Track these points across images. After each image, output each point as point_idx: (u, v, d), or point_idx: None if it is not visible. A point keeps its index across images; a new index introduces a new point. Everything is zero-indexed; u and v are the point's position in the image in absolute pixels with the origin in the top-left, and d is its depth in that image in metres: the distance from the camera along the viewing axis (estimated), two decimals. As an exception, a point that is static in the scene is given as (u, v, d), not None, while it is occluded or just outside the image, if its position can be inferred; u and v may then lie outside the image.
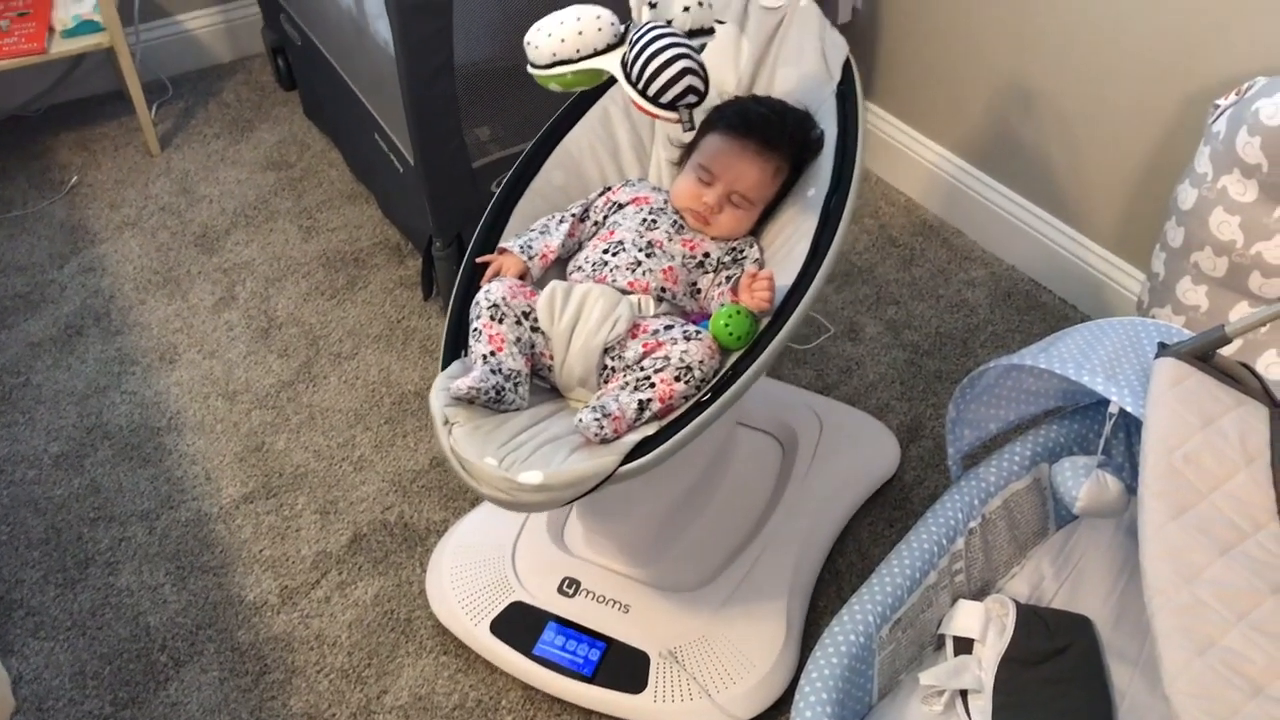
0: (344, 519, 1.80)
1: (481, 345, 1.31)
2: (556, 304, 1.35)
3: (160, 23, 2.80)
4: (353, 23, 2.06)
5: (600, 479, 1.19)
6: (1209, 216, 1.56)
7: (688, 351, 1.29)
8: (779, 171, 1.48)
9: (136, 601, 1.69)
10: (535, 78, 1.28)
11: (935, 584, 1.41)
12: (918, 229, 2.33)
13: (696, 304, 1.46)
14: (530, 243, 1.45)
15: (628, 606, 1.55)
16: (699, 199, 1.47)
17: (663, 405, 1.26)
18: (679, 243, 1.46)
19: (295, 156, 2.59)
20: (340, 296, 2.21)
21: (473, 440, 1.21)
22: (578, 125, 1.58)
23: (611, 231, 1.47)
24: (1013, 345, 2.05)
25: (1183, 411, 1.13)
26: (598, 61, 1.24)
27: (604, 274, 1.41)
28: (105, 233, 2.38)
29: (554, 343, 1.35)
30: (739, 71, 1.58)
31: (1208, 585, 1.03)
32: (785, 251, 1.44)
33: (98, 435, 1.94)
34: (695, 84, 1.18)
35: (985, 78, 2.14)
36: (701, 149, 1.50)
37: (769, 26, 1.55)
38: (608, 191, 1.54)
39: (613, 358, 1.34)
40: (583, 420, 1.22)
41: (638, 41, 1.19)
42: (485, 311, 1.33)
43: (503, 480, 1.17)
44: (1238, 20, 1.66)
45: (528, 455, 1.20)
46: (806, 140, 1.49)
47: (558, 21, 1.25)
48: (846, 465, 1.77)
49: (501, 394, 1.27)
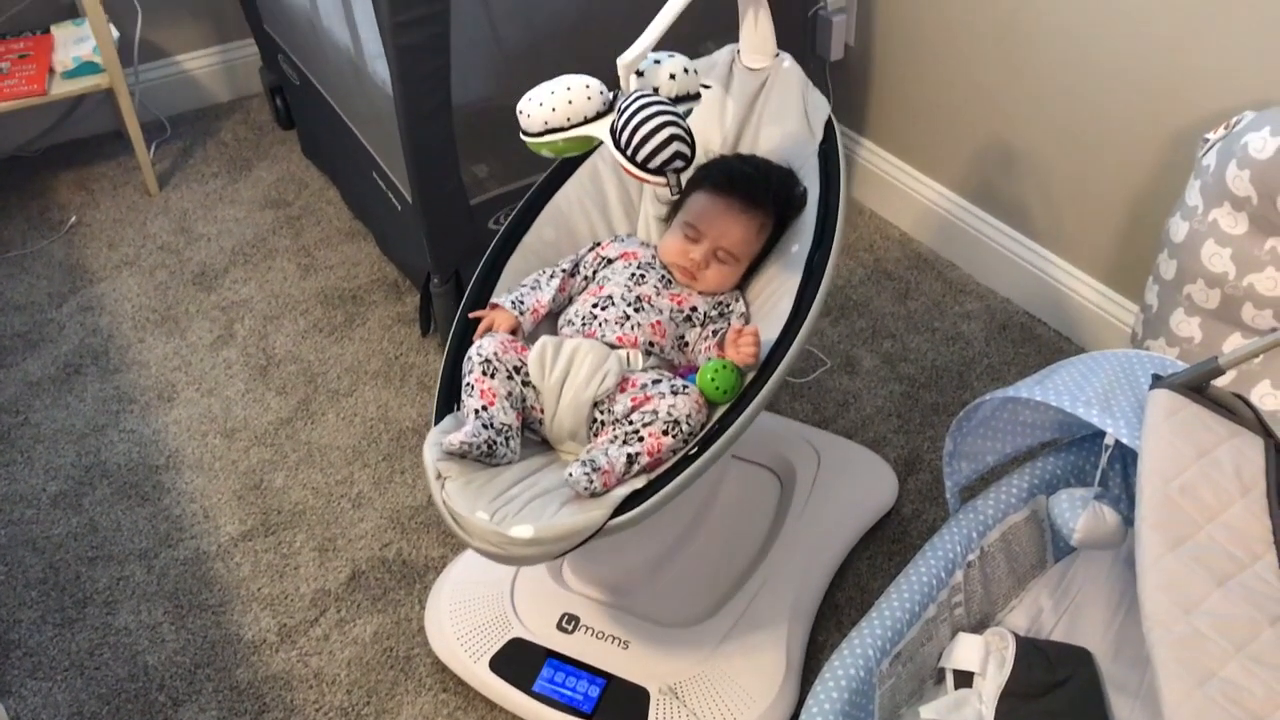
0: (342, 556, 1.79)
1: (474, 400, 1.33)
2: (547, 359, 1.37)
3: (159, 63, 2.82)
4: (351, 63, 2.08)
5: (590, 533, 1.21)
6: (1200, 249, 1.58)
7: (675, 406, 1.31)
8: (763, 228, 1.52)
9: (134, 641, 1.68)
10: (528, 145, 1.31)
11: (935, 617, 1.41)
12: (912, 262, 2.34)
13: (684, 357, 1.49)
14: (521, 298, 1.48)
15: (627, 642, 1.54)
16: (686, 255, 1.50)
17: (651, 459, 1.29)
18: (667, 297, 1.49)
19: (293, 195, 2.60)
20: (338, 334, 2.22)
21: (465, 494, 1.23)
22: (568, 182, 1.62)
23: (601, 286, 1.49)
24: (1009, 378, 2.06)
25: (1178, 443, 1.13)
26: (588, 129, 1.27)
27: (593, 328, 1.44)
28: (104, 272, 2.39)
29: (545, 397, 1.37)
30: (724, 130, 1.61)
31: (1206, 617, 1.03)
32: (770, 306, 1.47)
33: (96, 474, 1.94)
34: (682, 149, 1.21)
35: (978, 113, 2.16)
36: (688, 207, 1.54)
37: (753, 87, 1.59)
38: (597, 247, 1.57)
39: (602, 411, 1.36)
40: (573, 475, 1.24)
41: (625, 110, 1.22)
42: (477, 366, 1.35)
43: (494, 534, 1.19)
44: (1226, 56, 1.68)
45: (519, 509, 1.22)
46: (790, 197, 1.52)
47: (549, 91, 1.27)
48: (845, 499, 1.77)
49: (494, 448, 1.29)
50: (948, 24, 2.14)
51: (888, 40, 2.31)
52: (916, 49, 2.24)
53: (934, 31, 2.18)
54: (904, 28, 2.25)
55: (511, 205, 2.01)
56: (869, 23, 2.33)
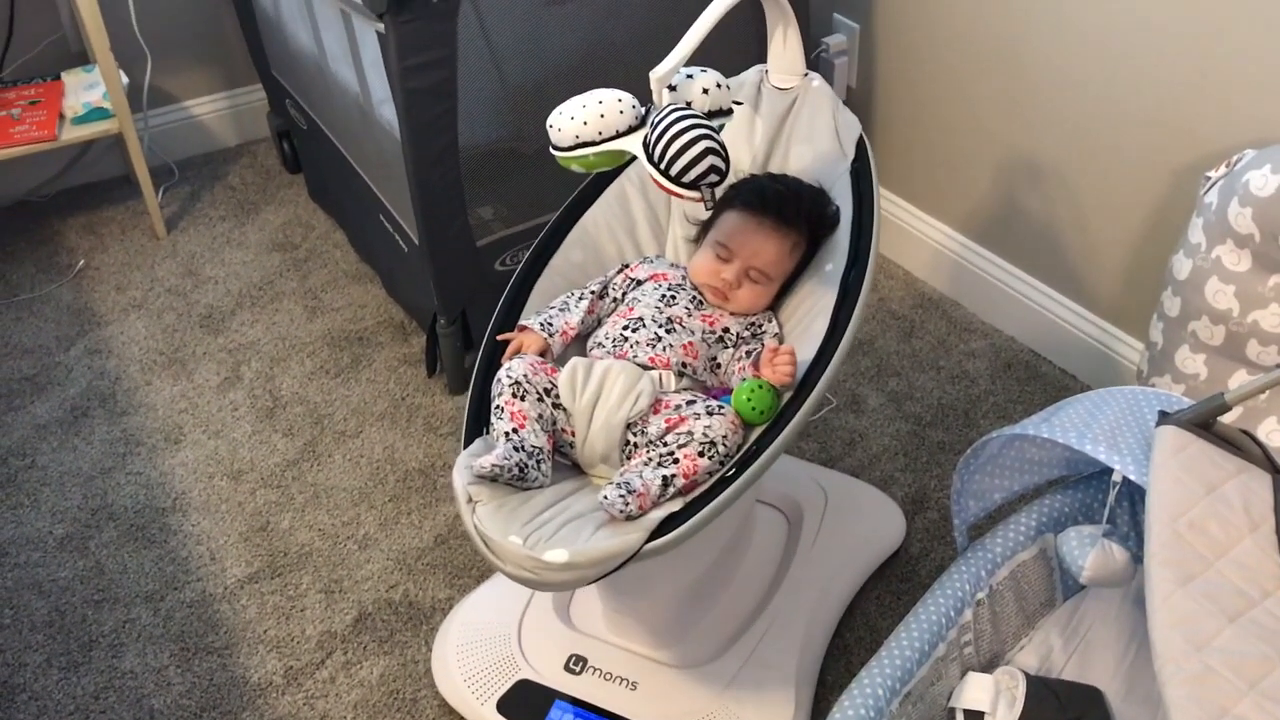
0: (349, 598, 1.79)
1: (504, 423, 1.31)
2: (578, 380, 1.35)
3: (168, 109, 2.85)
4: (358, 107, 2.10)
5: (626, 557, 1.18)
6: (1204, 286, 1.58)
7: (711, 426, 1.29)
8: (796, 247, 1.50)
9: (140, 684, 1.68)
10: (558, 159, 1.30)
11: (944, 656, 1.40)
12: (917, 302, 2.35)
13: (716, 379, 1.47)
14: (550, 320, 1.46)
15: (635, 683, 1.53)
16: (718, 275, 1.48)
17: (687, 481, 1.26)
18: (698, 318, 1.47)
19: (300, 238, 2.62)
20: (345, 375, 2.22)
21: (496, 518, 1.20)
22: (595, 204, 1.60)
23: (631, 308, 1.48)
24: (1014, 415, 2.06)
25: (1186, 479, 1.13)
26: (619, 143, 1.26)
27: (624, 350, 1.42)
28: (111, 315, 2.41)
29: (576, 419, 1.35)
30: (754, 150, 1.61)
31: (1218, 654, 1.02)
32: (804, 326, 1.46)
33: (103, 516, 1.94)
34: (717, 163, 1.20)
35: (980, 153, 2.18)
36: (719, 226, 1.52)
37: (782, 106, 1.59)
38: (626, 268, 1.56)
39: (635, 433, 1.34)
40: (607, 497, 1.21)
41: (659, 123, 1.21)
42: (507, 389, 1.33)
43: (528, 559, 1.16)
44: (1227, 94, 1.70)
45: (552, 533, 1.19)
46: (822, 216, 1.51)
47: (580, 105, 1.26)
48: (852, 538, 1.77)
49: (525, 471, 1.26)
50: (949, 66, 2.16)
51: (889, 83, 2.33)
52: (918, 91, 2.26)
53: (935, 73, 2.20)
54: (905, 70, 2.27)
55: (517, 246, 2.04)
56: (871, 65, 2.36)
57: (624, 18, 2.03)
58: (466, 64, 1.84)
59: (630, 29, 2.02)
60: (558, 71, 2.02)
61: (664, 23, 2.04)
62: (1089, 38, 1.87)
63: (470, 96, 1.87)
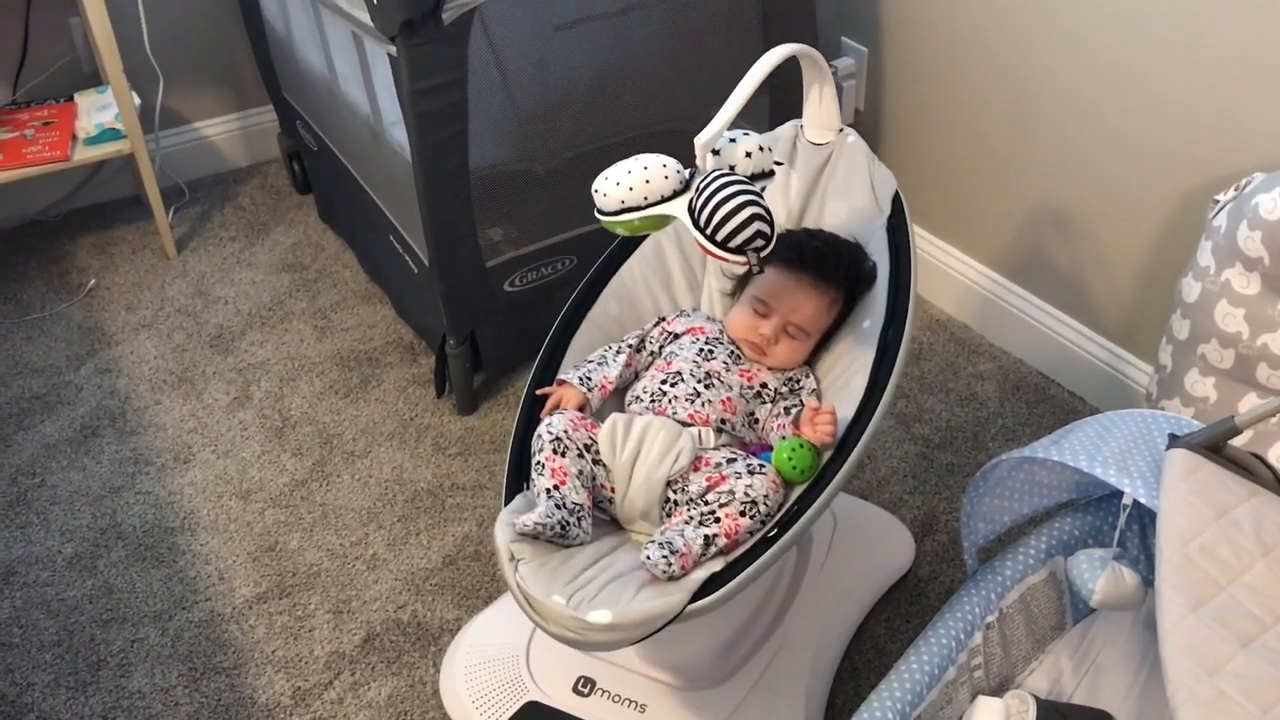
0: (357, 618, 1.79)
1: (545, 479, 1.31)
2: (618, 437, 1.36)
3: (179, 129, 2.87)
4: (368, 128, 2.11)
5: (669, 618, 1.18)
6: (1214, 309, 1.58)
7: (752, 486, 1.30)
8: (834, 303, 1.51)
9: (149, 704, 1.68)
10: (603, 224, 1.30)
11: (954, 680, 1.39)
12: (925, 324, 2.35)
13: (754, 434, 1.47)
14: (589, 374, 1.46)
15: (644, 706, 1.53)
16: (756, 330, 1.49)
17: (728, 540, 1.26)
18: (736, 373, 1.47)
19: (310, 258, 2.63)
20: (354, 395, 2.23)
21: (539, 577, 1.20)
22: (632, 257, 1.61)
23: (669, 362, 1.48)
24: (1024, 438, 2.06)
25: (1196, 503, 1.13)
26: (664, 208, 1.26)
27: (663, 405, 1.43)
28: (122, 334, 2.42)
29: (616, 475, 1.35)
30: (789, 205, 1.62)
31: (1230, 679, 1.02)
32: (843, 383, 1.46)
33: (111, 536, 1.95)
34: (763, 229, 1.20)
35: (990, 175, 2.18)
36: (757, 281, 1.53)
37: (818, 161, 1.59)
38: (662, 322, 1.57)
39: (675, 490, 1.35)
40: (650, 557, 1.21)
41: (705, 189, 1.21)
42: (548, 445, 1.33)
43: (572, 620, 1.16)
44: (1235, 117, 1.70)
45: (595, 593, 1.19)
46: (860, 272, 1.52)
47: (625, 170, 1.26)
48: (861, 561, 1.76)
49: (566, 529, 1.26)
50: (957, 89, 2.17)
51: (897, 106, 2.34)
52: (926, 114, 2.27)
53: (943, 96, 2.21)
54: (913, 93, 2.28)
55: (527, 268, 2.05)
56: (879, 89, 2.37)
57: (632, 42, 2.05)
58: (477, 86, 1.85)
59: (638, 54, 2.03)
60: (567, 94, 2.04)
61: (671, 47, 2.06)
62: (1097, 61, 1.87)
63: (481, 118, 1.88)
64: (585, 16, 2.01)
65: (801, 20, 2.11)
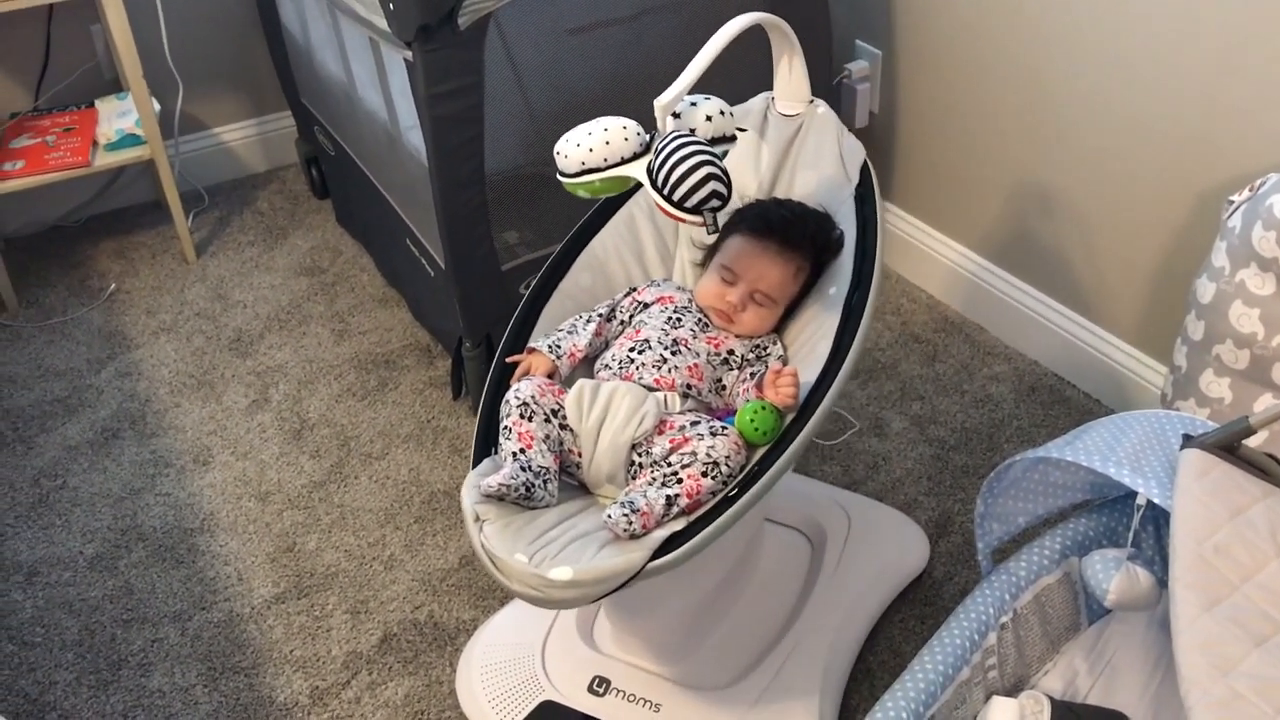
0: (374, 619, 1.80)
1: (511, 443, 1.33)
2: (584, 401, 1.37)
3: (198, 135, 2.90)
4: (385, 133, 2.13)
5: (629, 575, 1.20)
6: (1228, 310, 1.58)
7: (714, 447, 1.31)
8: (800, 271, 1.52)
9: (168, 703, 1.69)
10: (564, 185, 1.33)
11: (968, 680, 1.39)
12: (940, 325, 2.35)
13: (722, 400, 1.48)
14: (558, 342, 1.48)
15: (659, 705, 1.54)
16: (723, 298, 1.50)
17: (690, 501, 1.28)
18: (704, 340, 1.49)
19: (328, 262, 2.65)
20: (371, 398, 2.24)
21: (503, 537, 1.22)
22: (604, 229, 1.63)
23: (638, 330, 1.50)
24: (1038, 439, 2.06)
25: (1210, 503, 1.13)
26: (625, 169, 1.29)
27: (630, 371, 1.44)
28: (141, 338, 2.44)
29: (582, 439, 1.37)
30: (759, 175, 1.63)
31: (1245, 678, 1.02)
32: (808, 349, 1.47)
33: (132, 537, 1.97)
34: (719, 189, 1.22)
35: (1003, 176, 2.18)
36: (724, 250, 1.54)
37: (788, 132, 1.60)
38: (633, 292, 1.58)
39: (640, 454, 1.36)
40: (612, 516, 1.23)
41: (663, 150, 1.24)
42: (515, 409, 1.35)
43: (533, 576, 1.18)
44: (1250, 118, 1.70)
45: (557, 552, 1.21)
46: (827, 240, 1.53)
47: (586, 132, 1.29)
48: (876, 561, 1.76)
49: (531, 491, 1.28)
50: (970, 91, 2.17)
51: (911, 107, 2.34)
52: (940, 115, 2.27)
53: (957, 98, 2.21)
54: (927, 95, 2.28)
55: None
56: (893, 91, 2.37)
57: (645, 45, 2.06)
58: (492, 90, 1.86)
59: (651, 56, 2.04)
60: (582, 97, 2.05)
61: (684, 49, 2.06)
62: (1110, 61, 1.87)
63: (496, 122, 1.89)
64: (599, 21, 2.02)
65: (816, 24, 2.12)
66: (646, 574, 1.21)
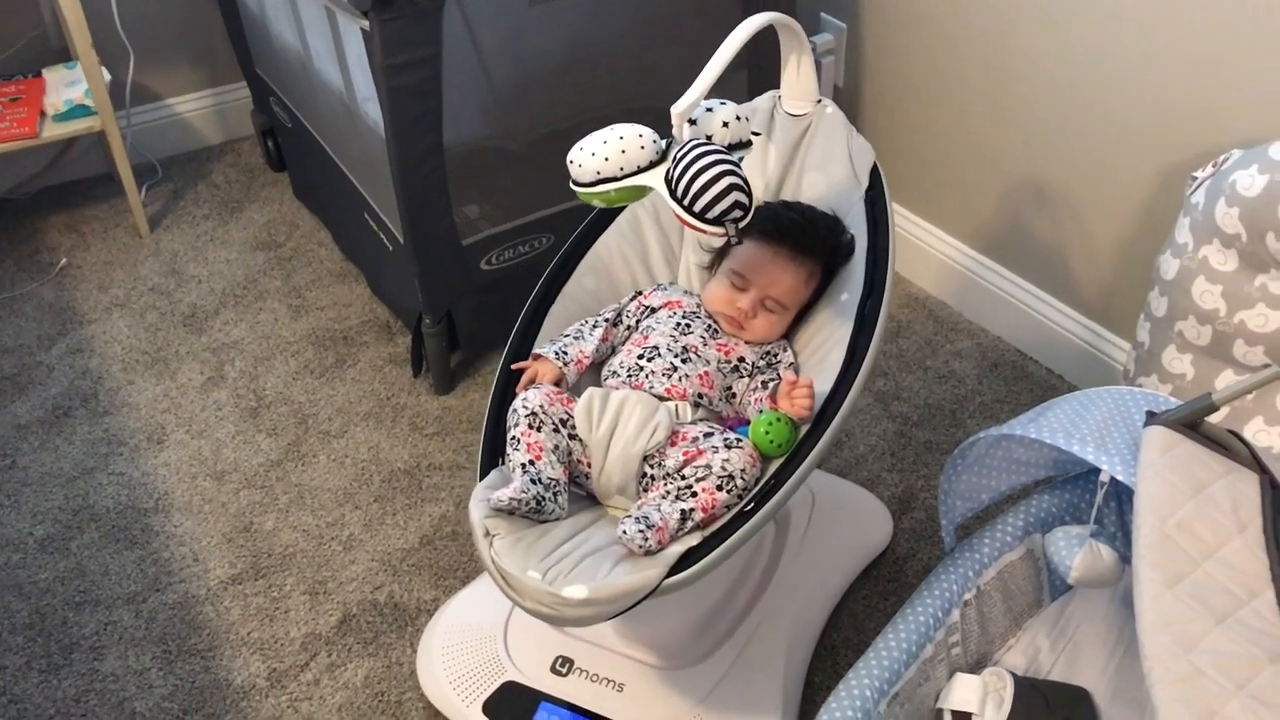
0: (333, 599, 1.78)
1: (520, 454, 1.30)
2: (594, 411, 1.34)
3: (151, 106, 2.83)
4: (342, 105, 2.09)
5: (646, 592, 1.18)
6: (1191, 286, 1.58)
7: (729, 460, 1.29)
8: (811, 276, 1.50)
9: (122, 687, 1.66)
10: (579, 195, 1.28)
11: (932, 657, 1.40)
12: (903, 301, 2.35)
13: (732, 408, 1.46)
14: (565, 348, 1.45)
15: (622, 685, 1.53)
16: (733, 304, 1.48)
17: (705, 515, 1.26)
18: (713, 347, 1.46)
19: (284, 236, 2.60)
20: (329, 375, 2.21)
21: (515, 553, 1.19)
22: (609, 230, 1.60)
23: (645, 336, 1.47)
24: (1002, 415, 2.06)
25: (1174, 479, 1.13)
26: (641, 179, 1.25)
27: (640, 380, 1.41)
28: (94, 314, 2.39)
29: (592, 450, 1.34)
30: (766, 177, 1.60)
31: (1206, 655, 1.02)
32: (820, 357, 1.45)
33: (84, 517, 1.93)
34: (741, 199, 1.19)
35: (968, 152, 2.18)
36: (734, 255, 1.51)
37: (795, 133, 1.58)
38: (639, 296, 1.55)
39: (652, 465, 1.33)
40: (626, 532, 1.20)
41: (681, 159, 1.20)
42: (523, 419, 1.32)
43: (547, 595, 1.15)
44: (1213, 95, 1.70)
45: (571, 568, 1.19)
46: (838, 245, 1.50)
47: (600, 141, 1.25)
48: (840, 539, 1.76)
49: (542, 504, 1.25)
50: (936, 66, 2.16)
51: (876, 82, 2.33)
52: (905, 89, 2.26)
53: (922, 73, 2.20)
54: (892, 70, 2.27)
55: (504, 245, 2.03)
56: (858, 65, 2.35)
57: (607, 17, 2.03)
58: (451, 62, 1.83)
59: (613, 28, 2.01)
60: (543, 70, 2.02)
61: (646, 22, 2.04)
62: (1075, 38, 1.87)
63: (455, 94, 1.86)
64: (561, -9, 1.99)
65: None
66: (662, 591, 1.19)
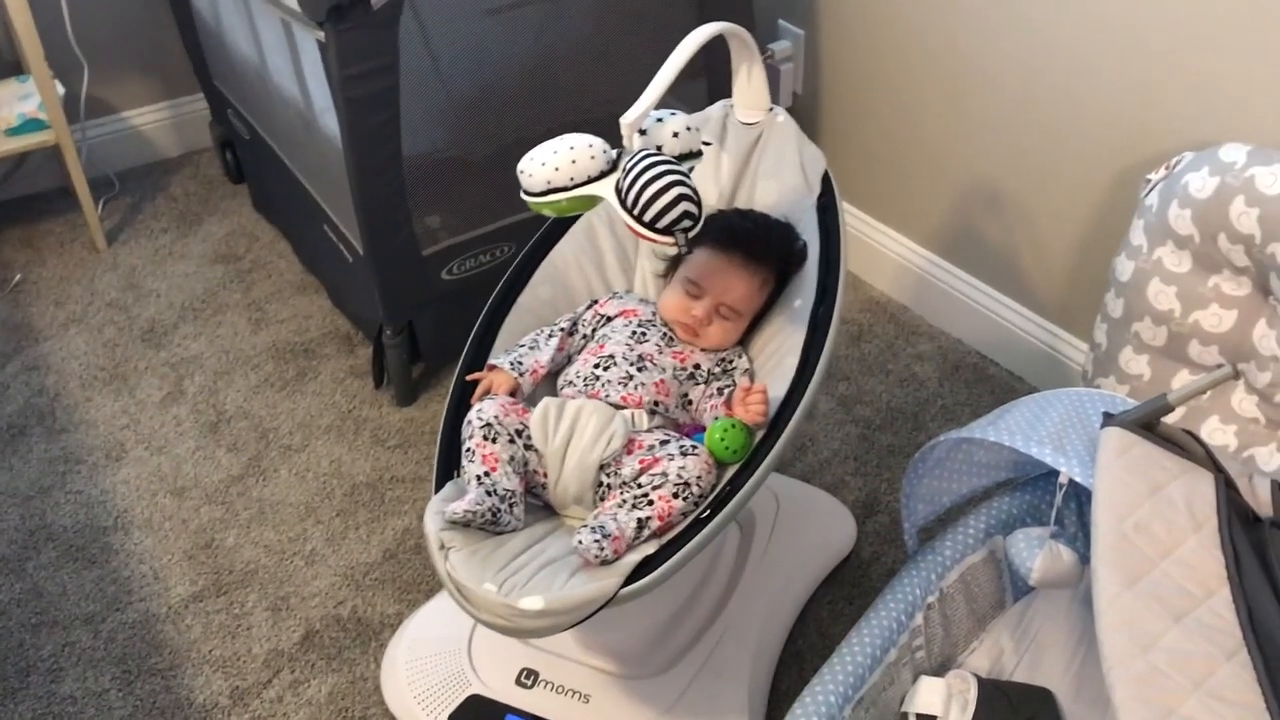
0: (296, 615, 1.76)
1: (475, 466, 1.29)
2: (550, 421, 1.34)
3: (107, 119, 2.80)
4: (300, 116, 2.07)
5: (602, 602, 1.17)
6: (1146, 287, 1.60)
7: (685, 468, 1.29)
8: (765, 283, 1.50)
9: (81, 709, 1.64)
10: (529, 205, 1.29)
11: (896, 661, 1.40)
12: (864, 305, 2.36)
13: (688, 415, 1.46)
14: (520, 359, 1.44)
15: (588, 696, 1.52)
16: (688, 312, 1.48)
17: (662, 523, 1.26)
18: (669, 355, 1.46)
19: (244, 249, 2.58)
20: (290, 388, 2.19)
21: (470, 565, 1.19)
22: (564, 240, 1.59)
23: (601, 345, 1.47)
24: (963, 418, 2.07)
25: (1131, 480, 1.14)
26: (591, 188, 1.25)
27: (596, 389, 1.41)
28: (50, 330, 2.36)
29: (548, 461, 1.34)
30: (720, 185, 1.61)
31: (1164, 653, 1.03)
32: (775, 363, 1.46)
33: (41, 537, 1.90)
34: (690, 209, 1.19)
35: (927, 156, 2.19)
36: (688, 263, 1.52)
37: (748, 141, 1.58)
38: (595, 304, 1.55)
39: (608, 474, 1.33)
40: (582, 542, 1.20)
41: (631, 169, 1.20)
42: (478, 431, 1.31)
43: (503, 607, 1.15)
44: (1166, 98, 1.72)
45: (527, 580, 1.18)
46: (791, 252, 1.51)
47: (551, 151, 1.25)
48: (804, 543, 1.76)
49: (498, 515, 1.25)
50: (893, 72, 2.17)
51: (835, 88, 2.34)
52: (863, 95, 2.27)
53: (880, 78, 2.21)
54: (850, 76, 2.28)
55: (464, 255, 2.02)
56: (816, 72, 2.36)
57: (564, 26, 2.02)
58: (409, 72, 1.82)
59: (572, 38, 2.01)
60: (501, 79, 2.01)
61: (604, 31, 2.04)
62: (1031, 43, 1.88)
63: (413, 105, 1.85)
64: (517, 1, 1.98)
65: (737, 3, 2.10)
66: (619, 600, 1.18)
